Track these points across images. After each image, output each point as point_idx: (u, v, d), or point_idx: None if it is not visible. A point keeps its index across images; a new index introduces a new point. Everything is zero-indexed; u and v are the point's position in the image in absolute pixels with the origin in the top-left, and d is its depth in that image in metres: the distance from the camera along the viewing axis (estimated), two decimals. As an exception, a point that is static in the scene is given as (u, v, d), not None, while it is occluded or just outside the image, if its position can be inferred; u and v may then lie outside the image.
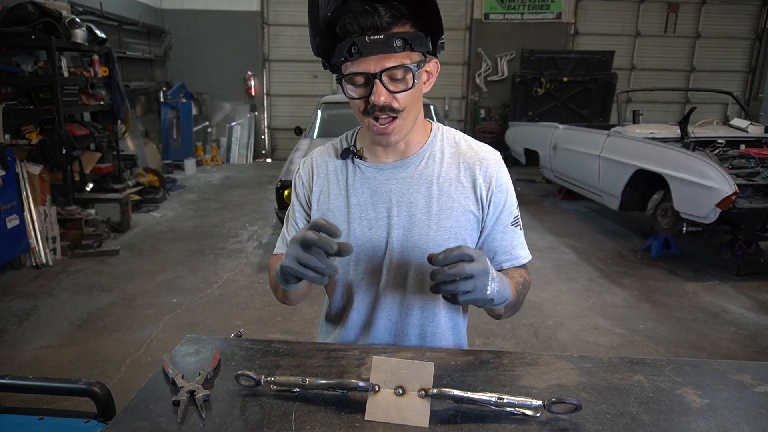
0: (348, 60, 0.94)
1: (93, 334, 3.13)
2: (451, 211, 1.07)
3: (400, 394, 0.80)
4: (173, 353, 1.01)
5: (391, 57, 0.92)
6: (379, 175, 1.09)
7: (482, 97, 9.79)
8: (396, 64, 0.93)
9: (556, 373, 0.95)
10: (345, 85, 0.98)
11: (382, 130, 0.98)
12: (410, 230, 1.07)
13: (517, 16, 9.61)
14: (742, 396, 0.89)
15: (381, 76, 0.93)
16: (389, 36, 0.91)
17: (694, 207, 3.88)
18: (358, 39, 0.91)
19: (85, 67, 5.41)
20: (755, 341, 3.19)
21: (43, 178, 4.41)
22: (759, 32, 10.07)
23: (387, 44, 0.91)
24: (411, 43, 0.93)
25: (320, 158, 1.16)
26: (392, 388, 0.81)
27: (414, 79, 0.94)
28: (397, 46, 0.92)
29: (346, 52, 0.93)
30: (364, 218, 1.09)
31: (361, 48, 0.91)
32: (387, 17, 0.91)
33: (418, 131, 1.08)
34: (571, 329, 3.30)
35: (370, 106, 0.95)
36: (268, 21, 9.73)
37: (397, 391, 0.80)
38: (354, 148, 1.12)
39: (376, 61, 0.92)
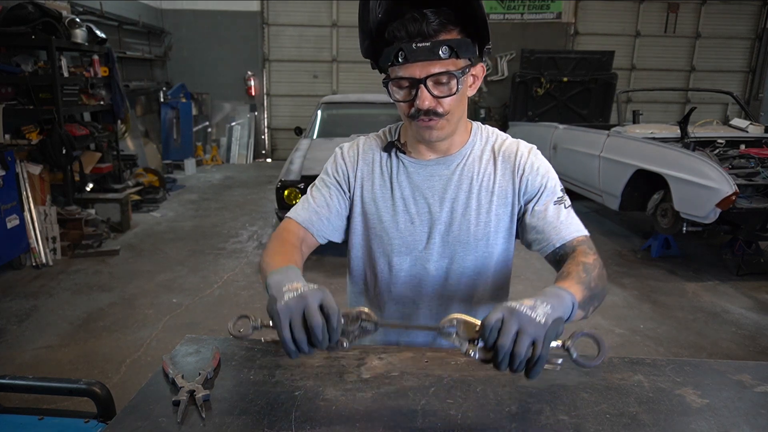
0: (395, 65, 0.96)
1: (93, 334, 3.13)
2: (491, 206, 1.10)
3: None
4: (173, 353, 1.01)
5: (436, 64, 0.94)
6: (421, 171, 1.12)
7: (482, 97, 9.79)
8: (441, 71, 0.94)
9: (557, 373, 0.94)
10: (391, 88, 1.01)
11: (426, 124, 1.00)
12: (451, 225, 1.11)
13: (517, 16, 9.61)
14: (742, 396, 0.89)
15: (426, 81, 0.95)
16: (435, 44, 0.93)
17: (694, 207, 3.87)
18: (405, 45, 0.93)
19: (85, 67, 5.41)
20: (755, 341, 3.19)
21: (43, 178, 4.41)
22: (759, 32, 10.06)
23: (433, 52, 0.93)
24: (457, 50, 0.94)
25: (367, 146, 1.18)
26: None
27: (458, 84, 0.96)
28: (443, 54, 0.93)
29: (393, 57, 0.95)
30: (406, 212, 1.13)
31: (408, 54, 0.93)
32: (435, 24, 0.92)
33: (461, 131, 1.11)
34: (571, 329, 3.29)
35: (415, 110, 0.98)
36: (268, 21, 9.72)
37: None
38: (398, 142, 1.14)
39: (422, 67, 0.94)
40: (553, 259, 1.07)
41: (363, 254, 1.20)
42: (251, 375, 0.93)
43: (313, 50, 9.83)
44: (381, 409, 0.84)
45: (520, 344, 0.70)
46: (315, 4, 9.51)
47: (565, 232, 1.05)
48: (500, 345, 0.71)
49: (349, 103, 5.91)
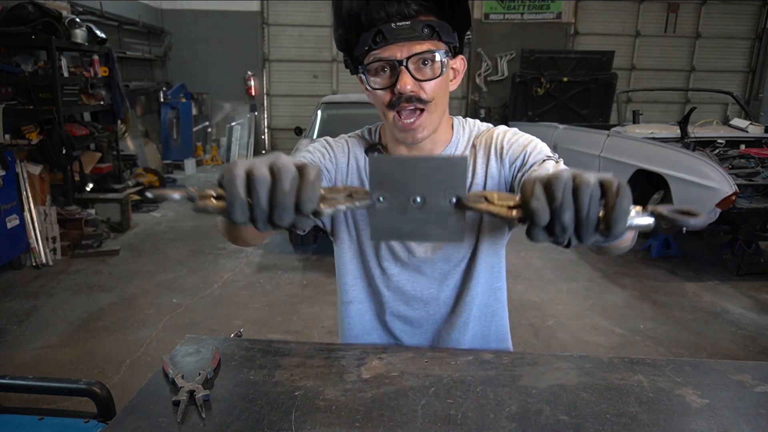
0: (373, 49, 0.90)
1: (93, 334, 3.13)
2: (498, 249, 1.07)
3: (418, 204, 0.57)
4: (173, 353, 1.01)
5: (417, 43, 0.89)
6: None
7: (482, 97, 9.79)
8: (423, 50, 0.89)
9: (557, 373, 0.95)
10: (368, 78, 0.94)
11: (408, 126, 0.93)
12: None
13: (517, 16, 9.61)
14: (742, 396, 0.89)
15: (407, 63, 0.89)
16: (416, 23, 0.89)
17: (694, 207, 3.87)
18: (384, 26, 0.88)
19: (85, 67, 5.41)
20: (755, 341, 3.19)
21: (43, 178, 4.41)
22: (759, 32, 10.07)
23: (414, 29, 0.88)
24: (438, 31, 0.90)
25: (353, 144, 1.10)
26: (406, 196, 0.56)
27: (442, 68, 0.91)
28: (425, 34, 0.89)
29: (371, 41, 0.89)
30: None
31: (386, 34, 0.88)
32: (414, 5, 0.88)
33: (444, 129, 1.04)
34: (571, 329, 3.30)
35: (396, 97, 0.91)
36: (268, 21, 9.73)
37: (413, 200, 0.56)
38: (379, 145, 1.07)
39: (402, 47, 0.89)
40: None
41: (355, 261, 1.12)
42: (251, 375, 0.93)
43: (313, 50, 9.84)
44: (381, 409, 0.83)
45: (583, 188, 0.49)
46: (315, 4, 9.51)
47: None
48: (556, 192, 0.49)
49: (349, 103, 5.90)
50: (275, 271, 4.19)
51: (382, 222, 0.57)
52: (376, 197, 0.57)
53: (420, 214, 0.56)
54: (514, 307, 3.56)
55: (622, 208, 0.48)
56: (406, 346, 1.09)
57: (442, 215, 0.56)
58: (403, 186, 0.55)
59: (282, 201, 0.50)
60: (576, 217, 0.50)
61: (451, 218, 0.56)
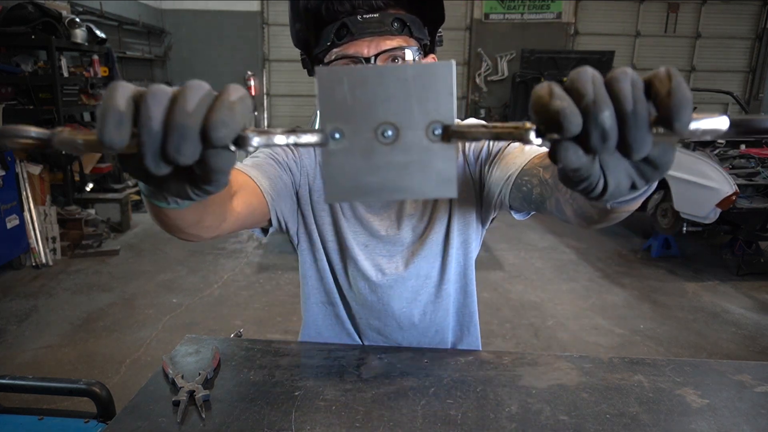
0: (336, 45, 0.80)
1: (93, 334, 3.13)
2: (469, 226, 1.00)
3: (389, 138, 0.38)
4: (173, 353, 1.01)
5: (386, 39, 0.80)
6: None
7: (482, 97, 9.79)
8: (393, 46, 0.80)
9: (557, 373, 0.95)
10: None
11: None
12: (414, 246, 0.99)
13: (517, 16, 9.60)
14: (743, 396, 0.89)
15: (375, 61, 0.79)
16: (385, 15, 0.79)
17: (695, 207, 3.87)
18: (349, 19, 0.79)
19: (85, 67, 5.41)
20: (755, 341, 3.19)
21: (43, 178, 4.40)
22: (759, 32, 10.06)
23: (383, 23, 0.79)
24: (409, 26, 0.81)
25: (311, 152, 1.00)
26: (370, 129, 0.38)
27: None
28: (394, 28, 0.80)
29: (333, 35, 0.80)
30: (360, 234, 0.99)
31: (352, 28, 0.79)
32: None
33: None
34: (571, 329, 3.30)
35: None
36: (268, 21, 9.73)
37: (382, 133, 0.38)
38: None
39: (370, 43, 0.80)
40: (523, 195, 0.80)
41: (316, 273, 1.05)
42: (251, 375, 0.93)
43: (313, 50, 9.84)
44: (381, 409, 0.83)
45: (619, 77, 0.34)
46: (315, 4, 9.50)
47: (528, 154, 0.81)
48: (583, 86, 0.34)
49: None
50: (275, 271, 4.18)
51: (338, 171, 0.38)
52: (329, 131, 0.37)
53: (392, 154, 0.37)
54: (514, 307, 3.58)
55: (683, 91, 0.32)
56: (405, 347, 1.09)
57: (423, 154, 0.37)
58: (367, 112, 0.37)
59: (182, 122, 0.33)
60: (620, 113, 0.34)
61: (437, 157, 0.38)
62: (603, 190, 0.38)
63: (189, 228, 0.66)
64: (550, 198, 0.71)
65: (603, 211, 0.59)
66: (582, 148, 0.34)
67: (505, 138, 0.37)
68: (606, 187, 0.38)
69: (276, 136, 0.37)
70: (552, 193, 0.70)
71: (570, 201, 0.65)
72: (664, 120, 0.33)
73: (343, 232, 0.99)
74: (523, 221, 1.08)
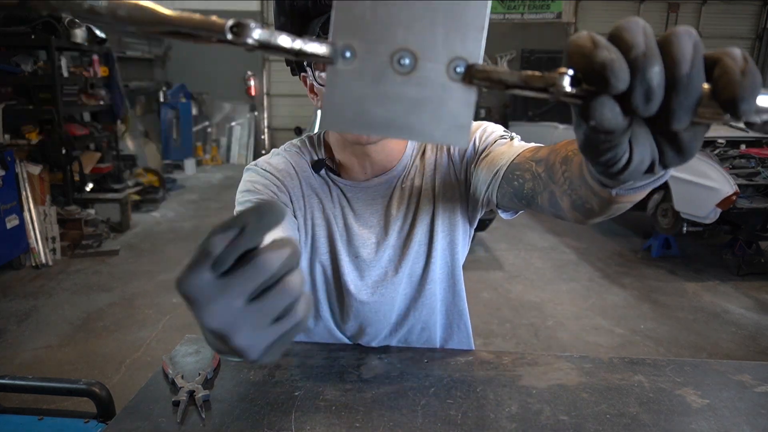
0: (322, 38, 0.80)
1: (93, 335, 3.13)
2: (436, 212, 0.97)
3: (405, 67, 0.34)
4: (173, 353, 1.01)
5: None
6: (361, 196, 0.96)
7: (482, 97, 9.79)
8: None
9: (557, 373, 0.94)
10: (314, 71, 0.82)
11: None
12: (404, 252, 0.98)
13: (517, 15, 9.61)
14: (743, 396, 0.89)
15: None
16: None
17: (695, 207, 3.88)
18: None
19: (85, 67, 5.42)
20: (756, 341, 3.19)
21: (43, 178, 4.40)
22: (759, 32, 10.07)
23: None
24: None
25: (297, 162, 0.97)
26: (387, 51, 0.34)
27: None
28: None
29: (319, 29, 0.78)
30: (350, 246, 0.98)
31: None
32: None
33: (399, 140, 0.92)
34: (572, 329, 3.30)
35: None
36: (268, 21, 9.72)
37: (398, 60, 0.34)
38: (328, 160, 0.96)
39: None
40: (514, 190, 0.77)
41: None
42: (251, 375, 0.93)
43: (313, 50, 9.84)
44: (381, 409, 0.83)
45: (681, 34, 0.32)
46: (315, 4, 9.50)
47: (517, 149, 0.80)
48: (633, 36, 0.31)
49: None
50: (275, 271, 4.18)
51: (342, 96, 0.34)
52: (339, 47, 0.34)
53: (406, 86, 0.34)
54: (514, 307, 3.58)
55: (758, 75, 0.29)
56: (407, 347, 1.09)
57: (440, 91, 0.34)
58: (386, 33, 0.33)
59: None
60: (670, 75, 0.30)
61: (455, 98, 0.34)
62: (625, 165, 0.35)
63: None
64: (543, 193, 0.69)
65: (605, 200, 0.55)
66: (620, 107, 0.31)
67: (535, 83, 0.32)
68: (630, 161, 0.35)
69: (280, 37, 0.34)
70: (545, 187, 0.68)
71: (569, 192, 0.62)
72: (730, 100, 0.29)
73: (336, 245, 0.98)
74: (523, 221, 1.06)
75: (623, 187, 0.49)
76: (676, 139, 0.34)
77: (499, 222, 5.41)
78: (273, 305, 0.34)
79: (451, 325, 1.11)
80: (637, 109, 0.30)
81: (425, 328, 1.08)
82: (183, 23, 0.31)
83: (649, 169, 0.36)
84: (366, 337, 1.07)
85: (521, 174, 0.75)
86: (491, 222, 4.33)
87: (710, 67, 0.30)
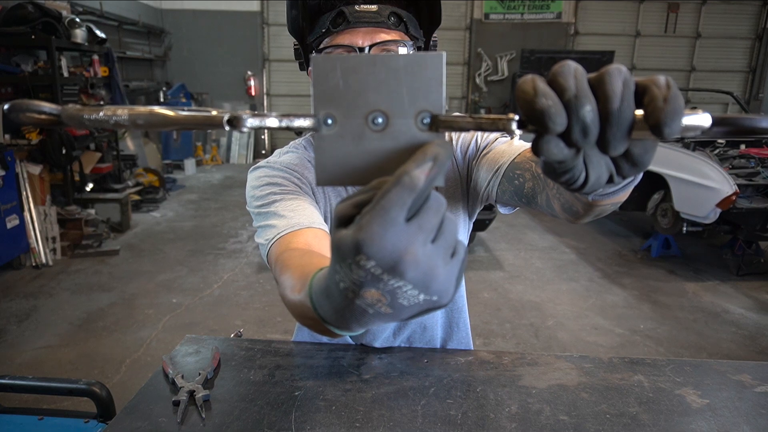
0: (330, 33, 0.80)
1: (93, 335, 3.13)
2: (455, 212, 0.98)
3: (379, 125, 0.39)
4: (173, 353, 1.01)
5: (382, 31, 0.80)
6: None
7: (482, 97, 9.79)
8: (388, 39, 0.80)
9: (557, 373, 0.95)
10: None
11: None
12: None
13: (517, 16, 9.61)
14: (743, 396, 0.89)
15: (369, 51, 0.78)
16: (383, 9, 0.80)
17: (695, 207, 3.88)
18: (347, 8, 0.79)
19: (85, 67, 5.41)
20: (755, 341, 3.19)
21: (43, 178, 4.40)
22: (759, 32, 10.07)
23: (380, 15, 0.79)
24: (406, 22, 0.81)
25: (308, 156, 0.96)
26: (362, 116, 0.39)
27: None
28: (391, 22, 0.80)
29: (329, 23, 0.80)
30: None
31: (349, 17, 0.79)
32: None
33: None
34: (571, 329, 3.30)
35: None
36: (268, 21, 9.72)
37: (373, 120, 0.39)
38: None
39: (366, 33, 0.79)
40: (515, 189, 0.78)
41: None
42: (251, 375, 0.93)
43: (313, 50, 9.84)
44: (381, 409, 0.83)
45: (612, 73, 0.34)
46: (315, 4, 9.50)
47: (518, 148, 0.81)
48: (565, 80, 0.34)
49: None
50: (275, 271, 4.18)
51: (329, 156, 0.39)
52: (321, 117, 0.39)
53: (382, 141, 0.38)
54: (514, 307, 3.58)
55: (679, 101, 0.33)
56: (406, 347, 1.09)
57: (411, 141, 0.38)
58: (359, 100, 0.38)
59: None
60: (603, 110, 0.34)
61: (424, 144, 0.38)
62: (584, 183, 0.39)
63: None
64: (542, 193, 0.71)
65: (587, 204, 0.59)
66: (564, 142, 0.35)
67: (488, 128, 0.37)
68: (587, 179, 0.38)
69: (269, 119, 0.37)
70: (544, 188, 0.70)
71: (557, 196, 0.65)
72: (655, 125, 0.33)
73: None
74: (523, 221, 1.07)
75: (595, 194, 0.53)
76: (627, 154, 0.37)
77: (499, 222, 5.42)
78: (450, 235, 0.33)
79: (450, 325, 1.11)
80: (577, 143, 0.34)
81: (427, 328, 1.08)
82: (189, 121, 0.36)
83: (610, 180, 0.39)
84: (368, 335, 1.07)
85: (522, 173, 0.76)
86: (491, 222, 4.33)
87: (642, 94, 0.34)
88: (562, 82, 0.34)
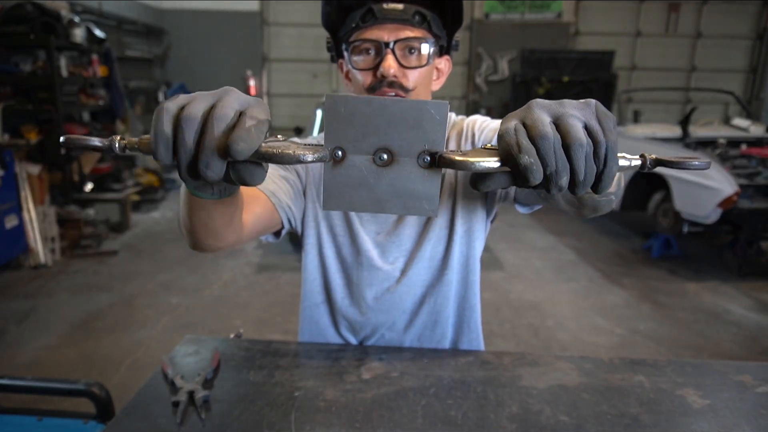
0: (360, 27, 0.88)
1: (92, 335, 3.12)
2: (474, 215, 1.01)
3: (384, 161, 0.45)
4: (173, 354, 1.00)
5: (407, 29, 0.87)
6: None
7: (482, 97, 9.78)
8: (411, 36, 0.87)
9: (557, 373, 0.94)
10: (350, 56, 0.91)
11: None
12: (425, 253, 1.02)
13: (518, 15, 9.60)
14: (744, 396, 0.88)
15: (394, 46, 0.86)
16: (408, 8, 0.87)
17: (696, 207, 3.87)
18: (375, 5, 0.87)
19: (85, 66, 5.40)
20: (756, 342, 3.19)
21: (42, 178, 4.40)
22: (760, 32, 10.06)
23: (405, 13, 0.87)
24: (430, 21, 0.88)
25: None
26: (368, 151, 0.45)
27: (429, 58, 0.90)
28: (416, 20, 0.87)
29: (359, 19, 0.87)
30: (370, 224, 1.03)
31: (377, 13, 0.86)
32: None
33: None
34: (571, 329, 3.29)
35: (377, 80, 0.88)
36: (268, 21, 9.72)
37: (379, 156, 0.45)
38: None
39: (391, 30, 0.87)
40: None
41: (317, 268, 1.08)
42: (251, 375, 0.93)
43: (312, 50, 9.83)
44: (381, 410, 0.83)
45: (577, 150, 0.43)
46: (315, 4, 9.48)
47: None
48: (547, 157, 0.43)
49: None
50: (275, 272, 4.18)
51: (337, 184, 0.44)
52: (331, 149, 0.44)
53: (386, 175, 0.44)
54: (513, 307, 3.57)
55: (612, 171, 0.45)
56: (406, 347, 1.09)
57: (412, 177, 0.44)
58: (367, 136, 0.43)
59: (208, 144, 0.43)
60: (572, 180, 0.45)
61: (424, 181, 0.44)
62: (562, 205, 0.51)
63: (220, 229, 0.73)
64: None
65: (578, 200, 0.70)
66: (543, 188, 0.46)
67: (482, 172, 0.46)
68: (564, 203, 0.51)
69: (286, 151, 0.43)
70: None
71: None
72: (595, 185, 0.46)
73: (354, 224, 1.02)
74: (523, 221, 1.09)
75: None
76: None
77: (499, 222, 5.41)
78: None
79: (461, 324, 1.10)
80: (553, 194, 0.46)
81: (438, 323, 1.07)
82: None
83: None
84: (380, 331, 1.07)
85: None
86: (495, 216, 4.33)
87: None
88: (544, 155, 0.43)
